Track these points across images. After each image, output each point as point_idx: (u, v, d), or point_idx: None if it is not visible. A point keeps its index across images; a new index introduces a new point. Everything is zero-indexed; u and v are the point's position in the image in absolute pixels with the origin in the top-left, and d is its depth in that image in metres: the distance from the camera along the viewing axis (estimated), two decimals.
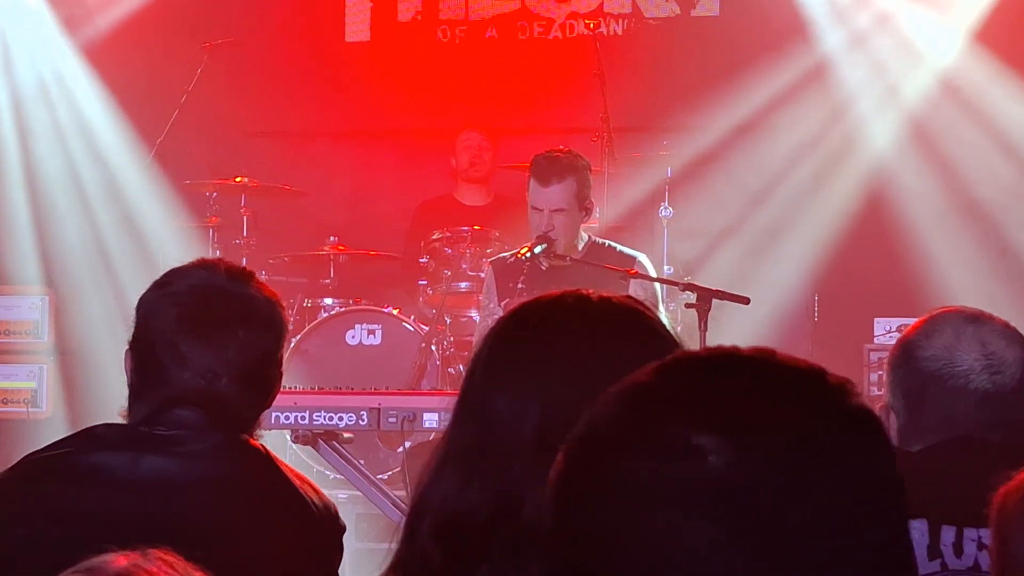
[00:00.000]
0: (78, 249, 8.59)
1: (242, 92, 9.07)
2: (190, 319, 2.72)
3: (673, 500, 1.04)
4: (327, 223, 8.81)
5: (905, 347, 2.79)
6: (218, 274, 2.77)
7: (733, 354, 1.13)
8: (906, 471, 2.70)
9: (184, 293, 2.74)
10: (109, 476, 2.68)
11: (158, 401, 2.71)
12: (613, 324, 1.88)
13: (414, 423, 5.30)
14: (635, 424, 1.08)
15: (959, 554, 2.64)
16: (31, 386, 8.27)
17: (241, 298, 2.75)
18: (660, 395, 1.10)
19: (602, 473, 1.08)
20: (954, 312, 2.82)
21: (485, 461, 1.81)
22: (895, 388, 2.79)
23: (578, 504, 1.08)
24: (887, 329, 7.62)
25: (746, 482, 1.04)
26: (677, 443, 1.05)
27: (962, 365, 2.72)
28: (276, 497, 2.73)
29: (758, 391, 1.09)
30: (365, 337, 7.69)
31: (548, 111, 8.91)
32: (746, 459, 1.04)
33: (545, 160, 6.49)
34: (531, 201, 6.47)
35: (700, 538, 1.03)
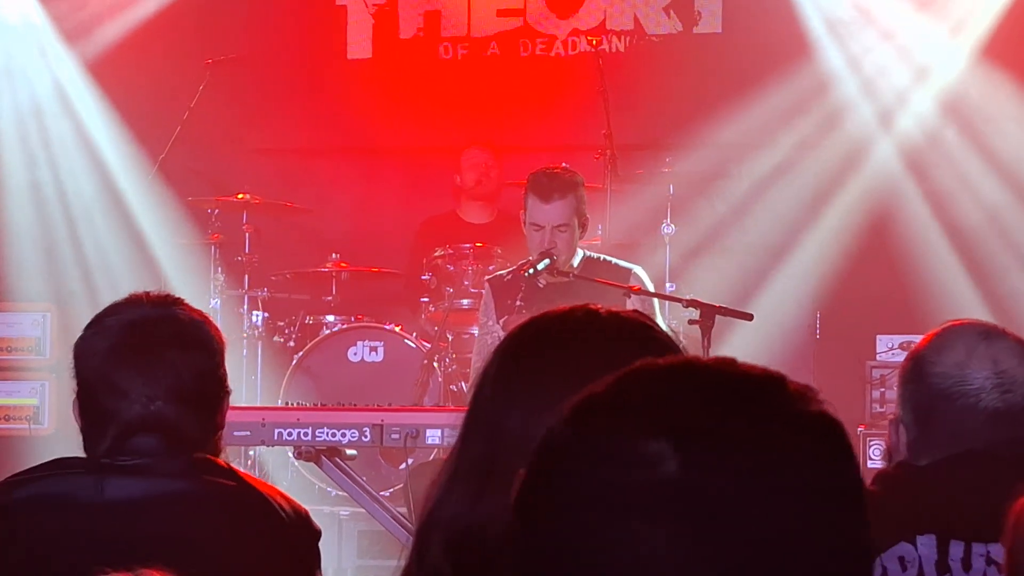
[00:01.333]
0: (80, 266, 8.59)
1: (244, 109, 9.08)
2: (118, 351, 2.77)
3: (629, 507, 1.04)
4: (329, 240, 8.81)
5: (916, 362, 2.78)
6: (143, 305, 2.82)
7: (691, 363, 1.13)
8: (914, 486, 2.72)
9: (111, 328, 2.80)
10: (75, 501, 2.73)
11: (110, 436, 2.76)
12: (623, 338, 1.88)
13: (417, 439, 5.29)
14: (590, 434, 1.08)
15: (968, 569, 2.64)
16: (33, 403, 8.27)
17: (166, 323, 2.80)
18: (614, 404, 1.10)
19: (560, 484, 1.08)
20: (967, 327, 2.80)
21: (496, 477, 1.80)
22: (905, 403, 2.78)
23: (539, 516, 1.08)
24: (889, 346, 7.61)
25: (700, 487, 1.03)
26: (631, 451, 1.05)
27: (973, 384, 2.71)
28: (245, 508, 2.77)
29: (713, 398, 1.08)
30: (367, 354, 7.69)
31: (550, 128, 8.92)
32: (699, 465, 1.04)
33: (545, 177, 6.49)
34: (530, 219, 6.45)
35: (657, 544, 1.03)
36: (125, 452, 2.76)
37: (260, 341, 8.02)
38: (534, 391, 1.84)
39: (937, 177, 8.36)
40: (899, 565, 2.63)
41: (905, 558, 2.64)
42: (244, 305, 8.11)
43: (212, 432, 2.84)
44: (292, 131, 9.24)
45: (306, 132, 9.27)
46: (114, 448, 2.76)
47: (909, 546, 2.64)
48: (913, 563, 2.64)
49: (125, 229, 8.59)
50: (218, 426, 2.85)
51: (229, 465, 2.84)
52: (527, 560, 1.09)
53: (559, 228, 6.39)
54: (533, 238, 6.45)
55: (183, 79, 8.50)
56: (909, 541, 2.65)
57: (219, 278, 8.14)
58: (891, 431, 2.82)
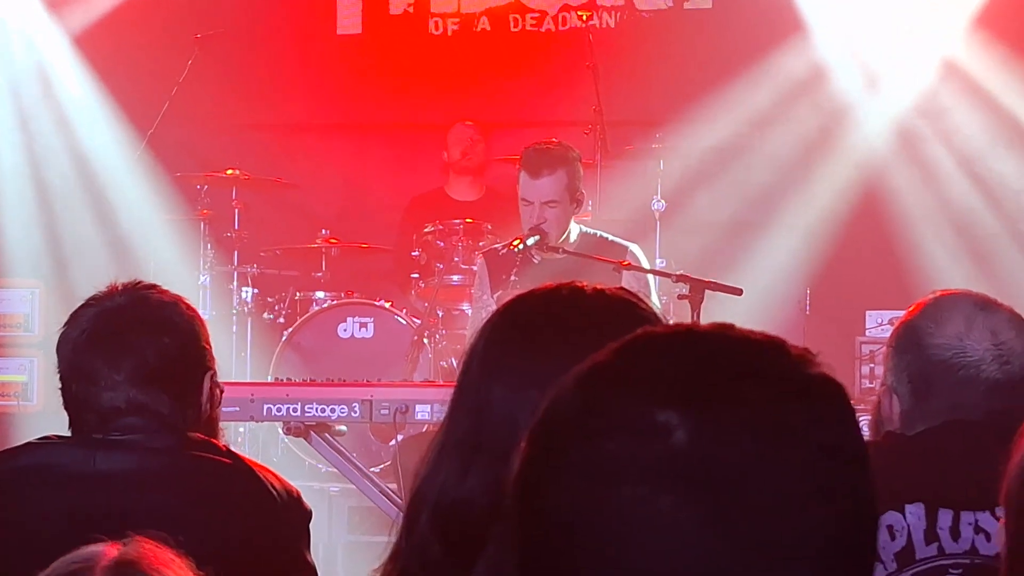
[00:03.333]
0: (69, 241, 8.56)
1: (234, 84, 9.04)
2: (87, 340, 2.82)
3: (639, 477, 1.04)
4: (319, 216, 8.80)
5: (912, 331, 2.77)
6: (114, 295, 2.87)
7: (691, 330, 1.13)
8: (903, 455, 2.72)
9: (84, 320, 2.85)
10: (67, 472, 2.76)
11: (91, 421, 2.80)
12: (607, 315, 1.89)
13: (406, 415, 5.29)
14: (597, 404, 1.08)
15: (956, 538, 2.65)
16: (22, 379, 8.26)
17: (134, 309, 2.84)
18: (620, 374, 1.09)
19: (566, 455, 1.07)
20: (963, 297, 2.80)
21: (483, 452, 1.82)
22: (900, 372, 2.77)
23: (544, 488, 1.08)
24: (879, 322, 7.62)
25: (710, 456, 1.03)
26: (640, 420, 1.05)
27: (973, 355, 2.71)
28: (236, 485, 2.79)
29: (718, 364, 1.08)
30: (357, 330, 7.68)
31: (541, 104, 8.90)
32: (709, 432, 1.04)
33: (535, 153, 6.48)
34: (521, 194, 6.45)
35: (667, 513, 1.03)
36: (115, 429, 2.79)
37: (249, 317, 8.01)
38: (519, 367, 1.85)
39: (928, 152, 8.35)
40: (888, 534, 2.64)
41: (894, 527, 2.65)
42: (233, 281, 8.09)
43: (194, 412, 2.85)
44: (282, 107, 9.22)
45: (296, 108, 9.25)
46: (100, 429, 2.80)
47: (898, 515, 2.65)
48: (902, 532, 2.65)
49: (114, 205, 8.56)
50: (199, 405, 2.87)
51: (223, 444, 2.86)
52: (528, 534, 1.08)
53: (548, 204, 6.38)
54: (524, 213, 6.45)
55: (172, 54, 8.47)
56: (898, 510, 2.65)
57: (208, 254, 8.13)
58: (882, 401, 2.82)
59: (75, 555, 1.77)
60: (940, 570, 2.65)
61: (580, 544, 1.05)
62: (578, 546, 1.05)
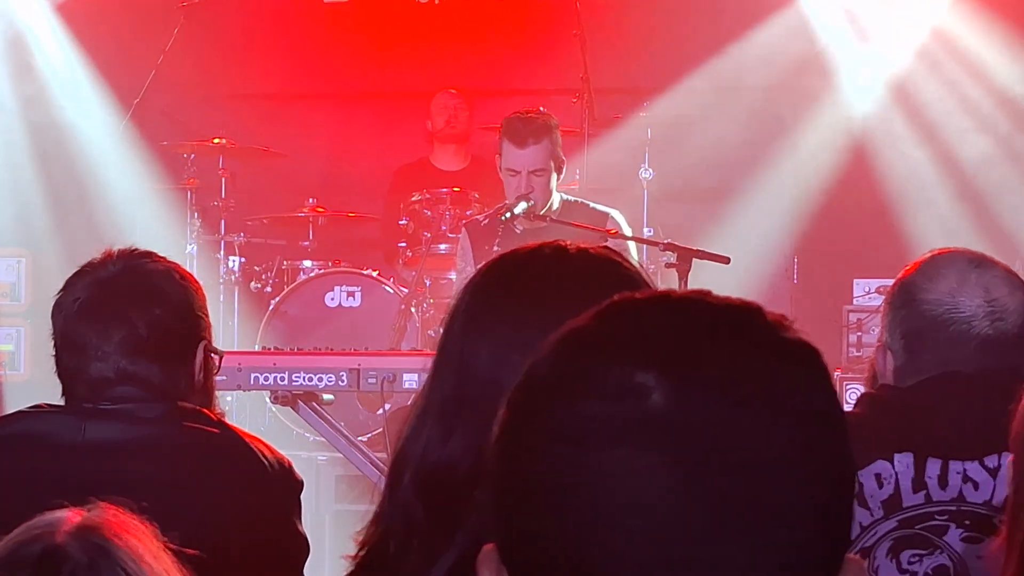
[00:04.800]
0: (55, 211, 8.54)
1: (219, 53, 9.01)
2: (80, 310, 2.81)
3: (616, 439, 1.04)
4: (305, 185, 8.78)
5: (906, 288, 2.79)
6: (108, 264, 2.85)
7: (669, 295, 1.14)
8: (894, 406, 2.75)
9: (77, 287, 2.84)
10: (57, 441, 2.76)
11: (82, 391, 2.80)
12: (591, 274, 1.88)
13: (394, 384, 5.30)
14: (576, 367, 1.08)
15: (944, 486, 2.67)
16: (8, 349, 8.25)
17: (127, 278, 2.83)
18: (600, 337, 1.10)
19: (543, 418, 1.08)
20: (958, 254, 2.82)
21: (465, 413, 1.81)
22: (894, 328, 2.80)
23: (521, 451, 1.08)
24: (866, 290, 7.63)
25: (688, 417, 1.04)
26: (619, 383, 1.05)
27: (965, 311, 2.73)
28: (227, 456, 2.79)
29: (696, 328, 1.09)
30: (344, 299, 7.68)
31: (527, 72, 8.88)
32: (686, 394, 1.05)
33: (520, 122, 6.47)
34: (505, 163, 6.44)
35: (643, 474, 1.03)
36: (106, 399, 2.79)
37: (237, 286, 8.00)
38: (502, 327, 1.84)
39: (916, 118, 8.35)
40: (875, 482, 2.66)
41: (882, 475, 2.68)
42: (221, 250, 8.08)
43: (186, 382, 2.84)
44: (268, 75, 9.19)
45: (282, 76, 9.22)
46: (90, 399, 2.79)
47: (886, 463, 2.67)
48: (889, 480, 2.67)
49: (99, 174, 8.54)
50: (191, 375, 2.85)
51: (216, 414, 2.86)
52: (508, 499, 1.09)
53: (535, 173, 6.37)
54: (510, 183, 6.44)
55: (157, 22, 8.43)
56: (886, 459, 2.68)
57: (195, 223, 8.11)
58: (877, 356, 2.84)
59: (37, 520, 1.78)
60: (926, 517, 2.68)
61: (556, 506, 1.06)
62: (554, 508, 1.06)
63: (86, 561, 1.73)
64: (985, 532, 2.65)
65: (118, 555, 1.74)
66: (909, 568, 2.67)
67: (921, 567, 2.67)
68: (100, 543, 1.74)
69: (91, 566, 1.72)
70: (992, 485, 2.66)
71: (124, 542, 1.75)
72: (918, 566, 2.67)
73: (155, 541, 1.79)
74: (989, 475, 2.67)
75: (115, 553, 1.74)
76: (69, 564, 1.72)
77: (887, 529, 2.68)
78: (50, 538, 1.74)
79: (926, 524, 2.67)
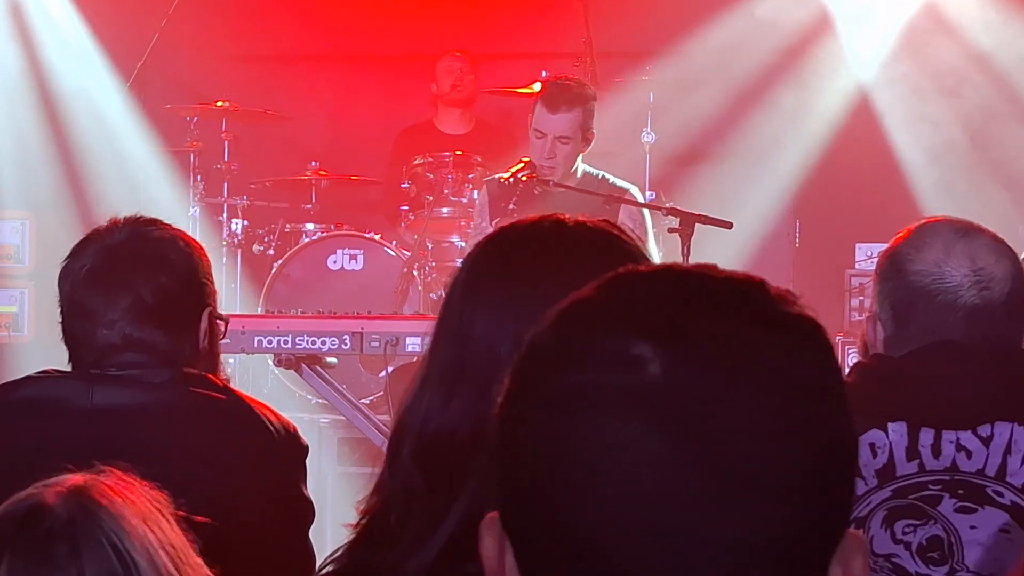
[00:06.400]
0: (59, 173, 8.54)
1: (223, 15, 8.99)
2: (87, 277, 2.83)
3: (612, 408, 1.05)
4: (308, 148, 8.78)
5: (893, 258, 2.80)
6: (114, 231, 2.87)
7: (672, 268, 1.15)
8: (888, 375, 2.77)
9: (84, 254, 2.86)
10: (65, 406, 2.78)
11: (88, 357, 2.83)
12: (587, 246, 1.90)
13: (397, 347, 5.31)
14: (575, 338, 1.10)
15: (937, 455, 2.68)
16: (12, 311, 8.27)
17: (133, 244, 2.85)
18: (599, 308, 1.11)
19: (544, 386, 1.09)
20: (943, 223, 2.82)
21: (463, 382, 1.83)
22: (883, 299, 2.81)
23: (522, 419, 1.10)
24: (869, 255, 7.63)
25: (683, 388, 1.05)
26: (616, 353, 1.07)
27: (951, 281, 2.73)
28: (233, 421, 2.81)
29: (696, 301, 1.10)
30: (347, 262, 7.69)
31: (530, 35, 8.86)
32: (682, 365, 1.06)
33: (556, 87, 6.51)
34: (535, 124, 6.47)
35: (639, 443, 1.04)
36: (113, 364, 2.81)
37: (239, 249, 8.01)
38: (500, 298, 1.86)
39: (920, 82, 8.32)
40: (869, 451, 2.68)
41: (876, 444, 2.69)
42: (223, 213, 8.09)
43: (192, 347, 2.86)
44: (272, 38, 9.17)
45: (286, 39, 9.20)
46: (97, 365, 2.81)
47: (880, 433, 2.69)
48: (883, 449, 2.68)
49: (103, 136, 8.53)
50: (196, 341, 2.87)
51: (221, 379, 2.88)
52: (508, 466, 1.11)
53: (561, 139, 6.40)
54: (535, 145, 6.47)
55: None
56: (880, 428, 2.69)
57: (198, 186, 8.12)
58: (868, 327, 2.85)
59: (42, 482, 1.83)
60: (920, 486, 2.69)
61: (553, 474, 1.07)
62: (551, 476, 1.07)
63: (66, 518, 1.77)
64: (978, 502, 2.67)
65: (100, 514, 1.78)
66: (903, 538, 2.68)
67: (915, 537, 2.68)
68: (85, 503, 1.79)
69: (70, 523, 1.77)
70: (985, 454, 2.68)
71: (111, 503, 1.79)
72: (912, 536, 2.68)
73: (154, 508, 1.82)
74: (982, 444, 2.68)
75: (97, 513, 1.78)
76: (48, 520, 1.77)
77: (881, 499, 2.69)
78: (40, 496, 1.80)
79: (920, 494, 2.69)
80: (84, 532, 1.75)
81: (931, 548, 2.68)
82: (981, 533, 2.66)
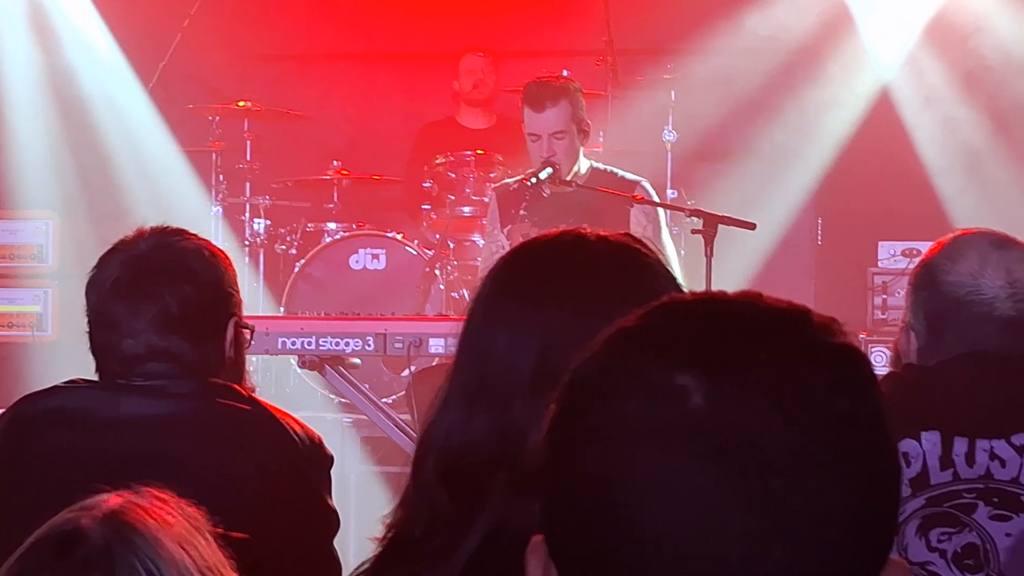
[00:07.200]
0: (82, 172, 8.57)
1: (245, 15, 9.01)
2: (113, 287, 2.83)
3: (655, 439, 1.06)
4: (330, 147, 8.80)
5: (929, 269, 2.81)
6: (139, 241, 2.88)
7: (718, 297, 1.15)
8: (920, 385, 2.77)
9: (111, 265, 2.87)
10: (92, 416, 2.79)
11: (114, 367, 2.83)
12: (609, 262, 1.90)
13: (420, 348, 5.32)
14: (620, 367, 1.10)
15: (971, 464, 2.69)
16: (36, 310, 8.29)
17: (159, 256, 2.86)
18: (643, 337, 1.11)
19: (588, 416, 1.10)
20: (979, 235, 2.84)
21: (485, 399, 1.83)
22: (917, 309, 2.82)
23: (569, 447, 1.10)
24: (892, 253, 7.62)
25: (725, 420, 1.05)
26: (660, 384, 1.07)
27: (987, 292, 2.75)
28: (258, 431, 2.81)
29: (739, 331, 1.10)
30: (369, 262, 7.71)
31: (551, 34, 8.86)
32: (726, 397, 1.06)
33: (536, 86, 6.49)
34: (528, 129, 6.45)
35: (681, 475, 1.05)
36: (139, 375, 2.81)
37: (261, 249, 8.04)
38: (520, 315, 1.86)
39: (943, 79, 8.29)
40: (903, 461, 2.68)
41: (909, 454, 2.69)
42: (246, 213, 8.12)
43: (217, 357, 2.87)
44: (293, 37, 9.19)
45: (307, 38, 9.22)
46: (123, 375, 2.82)
47: (913, 442, 2.69)
48: (917, 458, 2.69)
49: (125, 136, 8.56)
50: (222, 351, 2.88)
51: (247, 389, 2.88)
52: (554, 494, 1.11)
53: (555, 135, 6.37)
54: (533, 148, 6.45)
55: None
56: (913, 437, 2.70)
57: (220, 186, 8.15)
58: (901, 337, 2.86)
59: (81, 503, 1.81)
60: (954, 494, 2.70)
61: (598, 502, 1.08)
62: (597, 504, 1.08)
63: (101, 544, 1.76)
64: (1013, 510, 2.67)
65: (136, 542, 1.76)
66: (938, 546, 2.69)
67: (950, 545, 2.69)
68: (120, 529, 1.77)
69: (106, 549, 1.75)
70: (1019, 463, 2.68)
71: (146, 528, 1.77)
72: (947, 544, 2.69)
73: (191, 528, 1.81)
74: (1016, 453, 2.69)
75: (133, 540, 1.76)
76: (85, 546, 1.75)
77: (915, 507, 2.70)
78: (76, 521, 1.78)
79: (954, 502, 2.69)
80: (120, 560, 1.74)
81: (966, 556, 2.68)
82: (1016, 540, 2.66)
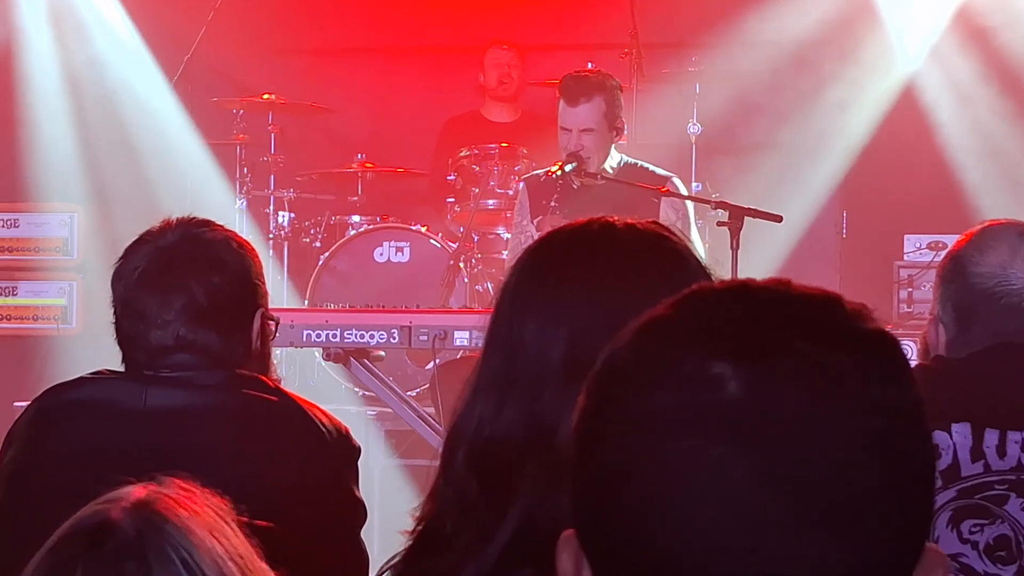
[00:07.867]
0: (107, 166, 8.58)
1: (270, 8, 9.01)
2: (140, 278, 2.84)
3: (691, 428, 1.05)
4: (354, 140, 8.80)
5: (957, 261, 2.80)
6: (166, 232, 2.88)
7: (749, 285, 1.14)
8: (950, 377, 2.77)
9: (138, 255, 2.87)
10: (118, 407, 2.80)
11: (142, 358, 2.84)
12: (638, 250, 1.89)
13: (445, 341, 5.32)
14: (653, 356, 1.09)
15: (1002, 455, 2.69)
16: (61, 303, 8.32)
17: (186, 247, 2.86)
18: (677, 327, 1.11)
19: (620, 406, 1.09)
20: (1007, 227, 2.83)
21: (515, 389, 1.82)
22: (945, 302, 2.81)
23: (601, 438, 1.10)
24: (917, 246, 7.59)
25: (762, 407, 1.05)
26: (695, 373, 1.06)
27: (1016, 283, 2.74)
28: (285, 423, 2.81)
29: (773, 319, 1.09)
30: (393, 255, 7.71)
31: (576, 27, 8.85)
32: (762, 385, 1.05)
33: (573, 80, 6.48)
34: (560, 121, 6.46)
35: (717, 464, 1.04)
36: (166, 366, 2.82)
37: (286, 242, 8.05)
38: (549, 304, 1.85)
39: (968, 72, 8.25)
40: None
41: (939, 445, 2.69)
42: (270, 206, 8.13)
43: (244, 348, 2.87)
44: (318, 30, 9.19)
45: (332, 31, 9.22)
46: (150, 366, 2.82)
47: (943, 434, 2.69)
48: (948, 450, 2.68)
49: (150, 129, 8.57)
50: (248, 342, 2.88)
51: (273, 380, 2.88)
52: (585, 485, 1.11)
53: (585, 131, 6.37)
54: (562, 140, 6.45)
55: None
56: (944, 429, 2.69)
57: (245, 179, 8.16)
58: (929, 329, 2.85)
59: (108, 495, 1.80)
60: (986, 486, 2.69)
61: (632, 493, 1.07)
62: (630, 495, 1.07)
63: (133, 535, 1.74)
64: None
65: (167, 530, 1.75)
66: (970, 538, 2.68)
67: (982, 537, 2.68)
68: (151, 518, 1.76)
69: (138, 540, 1.74)
70: None
71: (176, 517, 1.76)
72: (979, 536, 2.68)
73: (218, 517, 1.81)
74: None
75: (164, 529, 1.75)
76: (116, 537, 1.74)
77: (946, 499, 2.69)
78: (107, 512, 1.77)
79: (986, 494, 2.69)
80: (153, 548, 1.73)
81: (999, 547, 2.67)
82: None
